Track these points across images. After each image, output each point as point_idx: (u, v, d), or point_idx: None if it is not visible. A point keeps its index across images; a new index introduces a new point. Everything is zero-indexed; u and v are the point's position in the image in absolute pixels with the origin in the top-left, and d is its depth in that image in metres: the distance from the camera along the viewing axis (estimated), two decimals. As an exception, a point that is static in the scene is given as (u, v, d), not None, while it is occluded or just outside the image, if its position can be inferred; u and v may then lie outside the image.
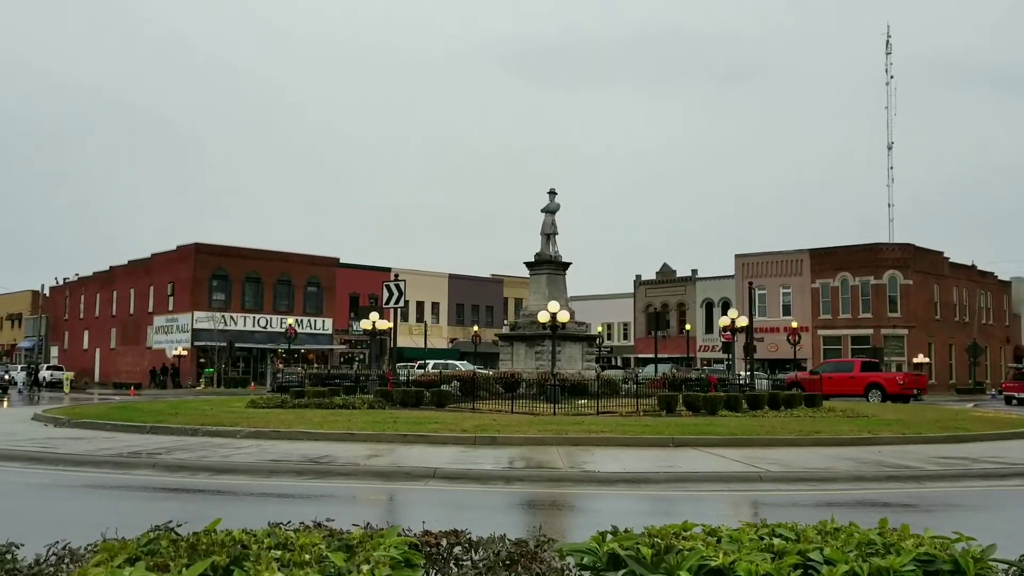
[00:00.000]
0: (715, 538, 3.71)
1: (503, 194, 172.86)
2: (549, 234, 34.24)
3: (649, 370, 48.63)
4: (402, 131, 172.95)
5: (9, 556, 3.64)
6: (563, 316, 27.57)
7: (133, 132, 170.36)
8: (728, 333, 33.33)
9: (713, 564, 3.25)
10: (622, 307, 79.81)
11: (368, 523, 3.96)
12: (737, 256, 69.08)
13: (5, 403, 38.49)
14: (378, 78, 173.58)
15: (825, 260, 63.86)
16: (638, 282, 79.05)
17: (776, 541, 3.70)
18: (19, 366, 68.35)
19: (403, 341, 55.29)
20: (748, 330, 32.47)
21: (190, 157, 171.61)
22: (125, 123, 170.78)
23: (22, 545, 3.71)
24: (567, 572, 3.89)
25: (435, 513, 9.49)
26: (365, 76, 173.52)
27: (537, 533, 4.43)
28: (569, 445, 16.70)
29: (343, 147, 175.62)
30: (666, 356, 62.50)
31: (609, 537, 3.61)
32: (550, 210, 34.45)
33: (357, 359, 67.55)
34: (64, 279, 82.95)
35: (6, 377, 54.99)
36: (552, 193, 34.42)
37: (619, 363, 72.13)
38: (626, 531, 3.77)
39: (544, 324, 27.92)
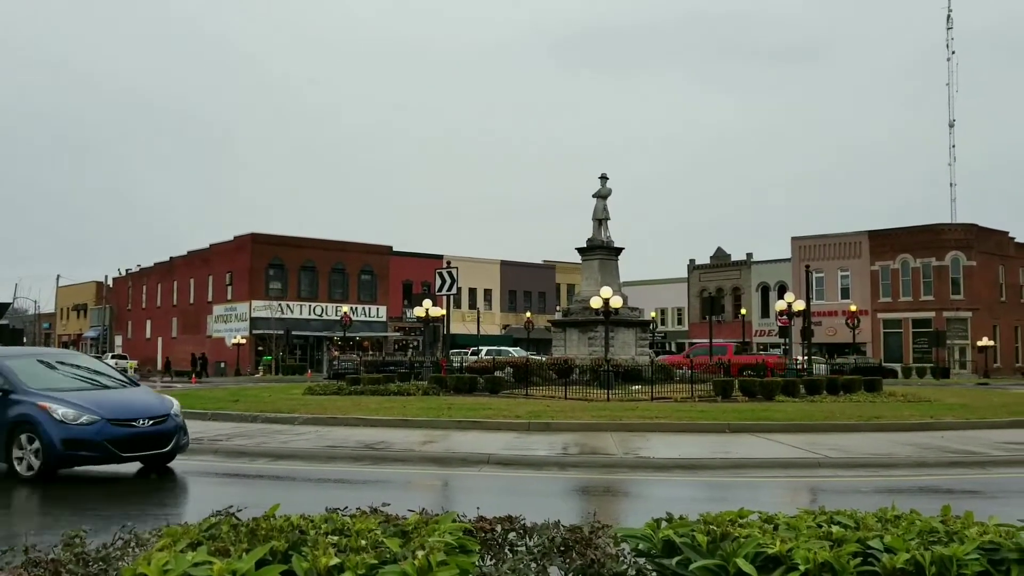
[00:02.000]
0: (772, 525, 3.67)
1: (555, 180, 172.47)
2: (601, 219, 34.05)
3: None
4: (452, 122, 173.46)
5: (78, 540, 3.77)
6: (616, 301, 27.45)
7: (179, 134, 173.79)
8: (784, 317, 32.86)
9: (770, 552, 3.21)
10: (676, 292, 79.07)
11: (423, 509, 4.00)
12: (793, 239, 67.89)
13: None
14: (424, 70, 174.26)
15: (885, 242, 62.41)
16: (692, 266, 78.22)
17: (835, 529, 3.64)
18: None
19: (456, 328, 55.58)
20: (805, 314, 31.96)
21: (239, 156, 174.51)
22: (171, 126, 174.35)
23: (88, 530, 3.84)
24: (622, 558, 3.88)
25: (489, 499, 9.55)
26: (411, 69, 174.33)
27: (592, 519, 4.43)
28: (623, 431, 16.65)
29: (395, 140, 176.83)
30: (721, 341, 61.72)
31: (664, 524, 3.59)
32: (601, 195, 34.24)
33: (411, 346, 68.16)
34: (127, 270, 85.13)
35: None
36: (603, 178, 34.20)
37: (673, 348, 71.58)
38: (681, 518, 3.75)
39: (597, 310, 27.83)
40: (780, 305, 32.10)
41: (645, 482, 11.69)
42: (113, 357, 66.09)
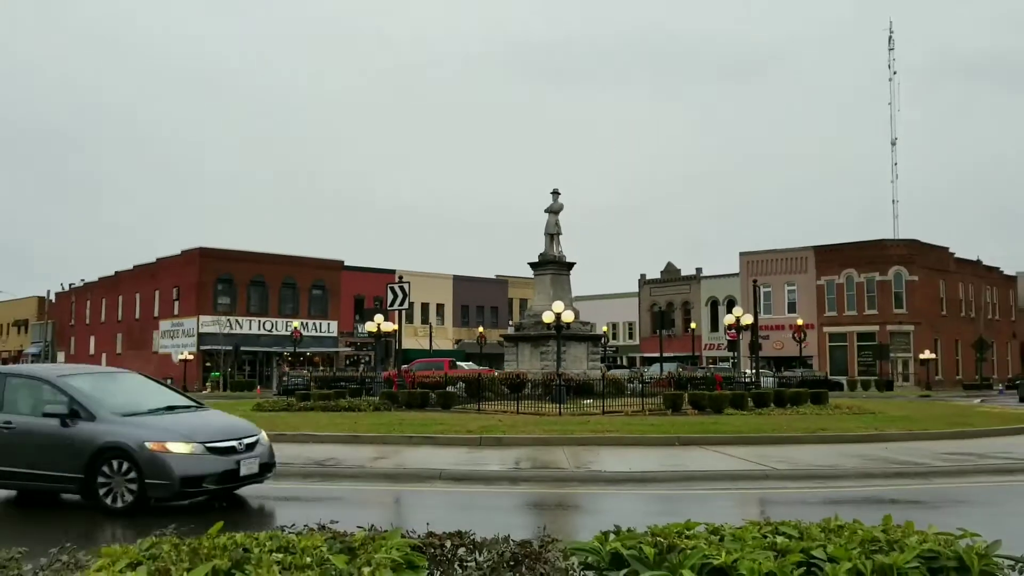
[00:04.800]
0: (718, 536, 3.72)
1: (507, 195, 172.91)
2: (553, 234, 34.20)
3: (655, 369, 48.58)
4: (404, 136, 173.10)
5: (13, 562, 3.66)
6: (568, 316, 27.55)
7: (134, 139, 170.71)
8: (733, 331, 33.32)
9: (716, 563, 3.25)
10: (627, 306, 79.75)
11: (372, 525, 3.96)
12: (742, 254, 68.98)
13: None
14: (379, 79, 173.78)
15: (830, 257, 63.73)
16: (643, 281, 78.97)
17: (779, 539, 3.69)
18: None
19: (408, 343, 55.23)
20: (753, 328, 32.45)
21: (189, 164, 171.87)
22: (126, 130, 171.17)
23: (25, 551, 3.73)
24: (571, 572, 3.89)
25: (441, 514, 9.49)
26: (363, 81, 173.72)
27: (541, 534, 4.43)
28: (575, 445, 16.68)
29: (345, 151, 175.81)
30: (671, 355, 62.44)
31: (612, 537, 3.61)
32: (554, 210, 34.41)
33: (363, 361, 67.56)
34: (70, 285, 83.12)
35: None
36: (555, 193, 34.39)
37: (624, 362, 72.07)
38: (629, 530, 3.77)
39: (549, 324, 27.91)
40: (729, 319, 32.53)
41: (596, 496, 11.73)
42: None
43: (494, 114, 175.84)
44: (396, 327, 33.07)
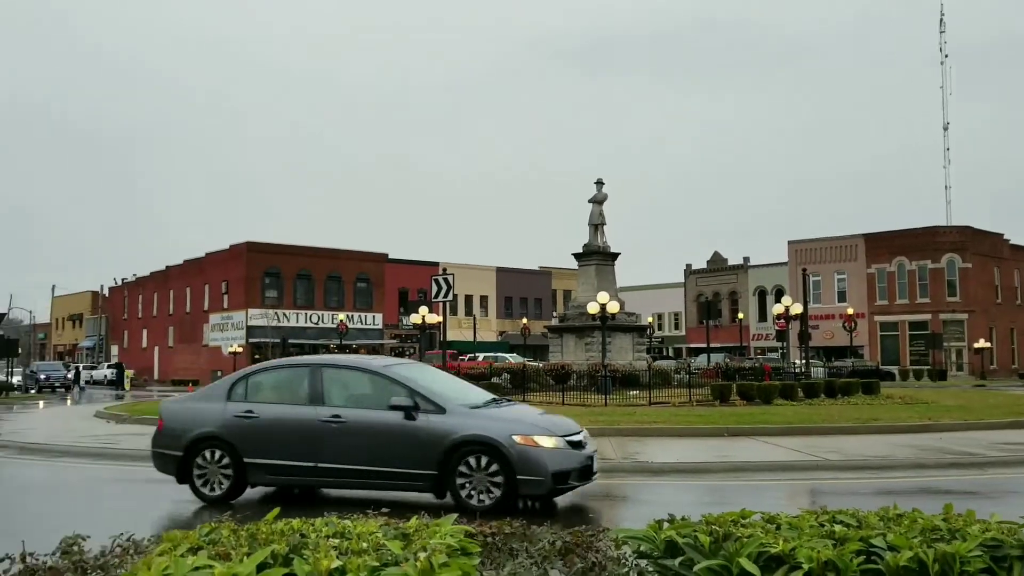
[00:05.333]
0: (774, 525, 3.66)
1: (551, 186, 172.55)
2: (597, 224, 34.05)
3: (702, 360, 48.17)
4: (447, 131, 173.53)
5: (76, 548, 3.74)
6: (613, 307, 27.43)
7: (184, 137, 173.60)
8: (782, 321, 32.88)
9: (773, 551, 3.20)
10: (673, 297, 79.12)
11: (423, 512, 3.99)
12: (790, 243, 67.99)
13: (69, 401, 39.64)
14: (420, 79, 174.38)
15: (881, 245, 62.53)
16: (689, 271, 78.28)
17: (837, 528, 3.63)
18: (80, 365, 70.28)
19: (452, 335, 55.47)
20: (802, 318, 31.98)
21: (236, 160, 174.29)
22: (177, 129, 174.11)
23: (87, 537, 3.82)
24: (623, 560, 3.86)
25: (489, 504, 9.53)
26: (407, 77, 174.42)
27: (592, 522, 4.42)
28: (621, 436, 16.61)
29: (390, 148, 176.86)
30: (718, 345, 61.84)
31: (666, 525, 3.58)
32: (597, 200, 34.25)
33: (407, 353, 68.06)
34: (122, 279, 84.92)
35: (70, 376, 56.55)
36: (599, 183, 34.22)
37: (671, 353, 71.59)
38: (683, 519, 3.73)
39: (593, 315, 27.82)
40: (777, 309, 32.13)
41: (643, 486, 11.67)
42: (110, 367, 65.87)
43: (538, 104, 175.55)
44: (440, 319, 33.20)
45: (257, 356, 62.22)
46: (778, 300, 36.23)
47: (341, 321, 56.53)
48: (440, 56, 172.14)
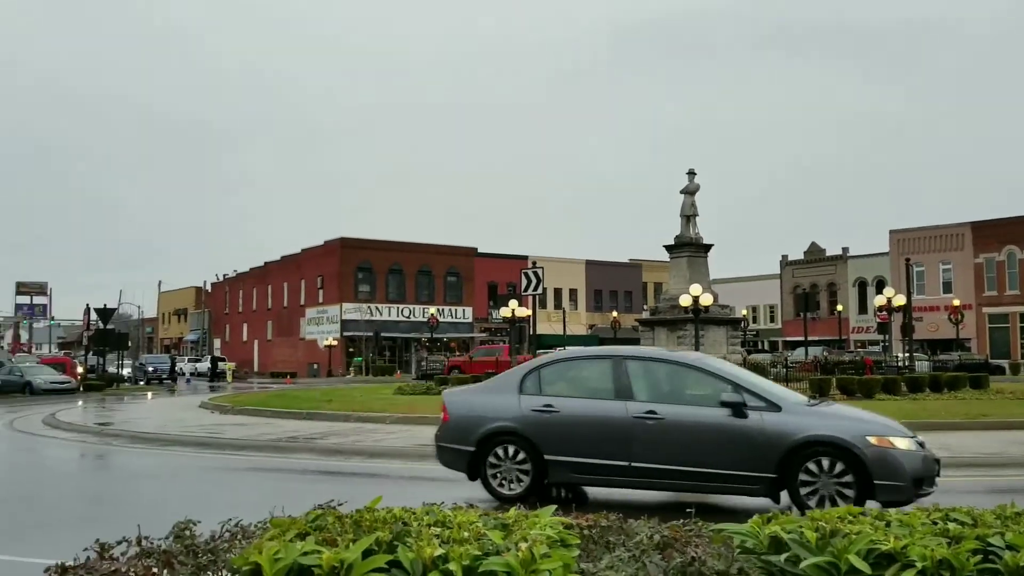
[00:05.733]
0: (884, 522, 3.54)
1: (640, 177, 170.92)
2: (689, 215, 33.53)
3: (799, 353, 46.95)
4: (533, 121, 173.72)
5: (188, 532, 3.90)
6: (706, 299, 26.99)
7: (283, 135, 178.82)
8: (884, 313, 31.82)
9: (884, 548, 3.09)
10: (768, 289, 77.29)
11: (519, 505, 4.00)
12: (892, 232, 65.58)
13: (175, 393, 41.40)
14: (497, 67, 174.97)
15: (989, 233, 59.65)
16: (784, 262, 76.37)
17: (951, 526, 3.49)
18: (186, 358, 73.26)
19: (542, 328, 55.60)
20: (906, 309, 30.84)
21: (331, 158, 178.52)
22: (277, 128, 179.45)
23: (198, 522, 3.97)
24: (723, 556, 3.79)
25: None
26: (483, 66, 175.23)
27: (691, 517, 4.35)
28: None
29: (477, 141, 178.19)
30: (816, 339, 60.10)
31: (770, 520, 3.50)
32: (689, 191, 33.71)
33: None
34: (224, 275, 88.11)
35: (176, 368, 59.08)
36: (691, 173, 33.68)
37: (766, 347, 70.04)
38: (786, 514, 3.65)
39: (686, 308, 27.44)
40: (879, 300, 31.10)
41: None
42: (213, 360, 68.51)
43: (627, 93, 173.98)
44: (530, 312, 33.27)
45: (351, 349, 63.72)
46: (879, 291, 35.05)
47: (432, 315, 57.32)
48: (529, 48, 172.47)
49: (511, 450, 9.23)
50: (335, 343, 62.09)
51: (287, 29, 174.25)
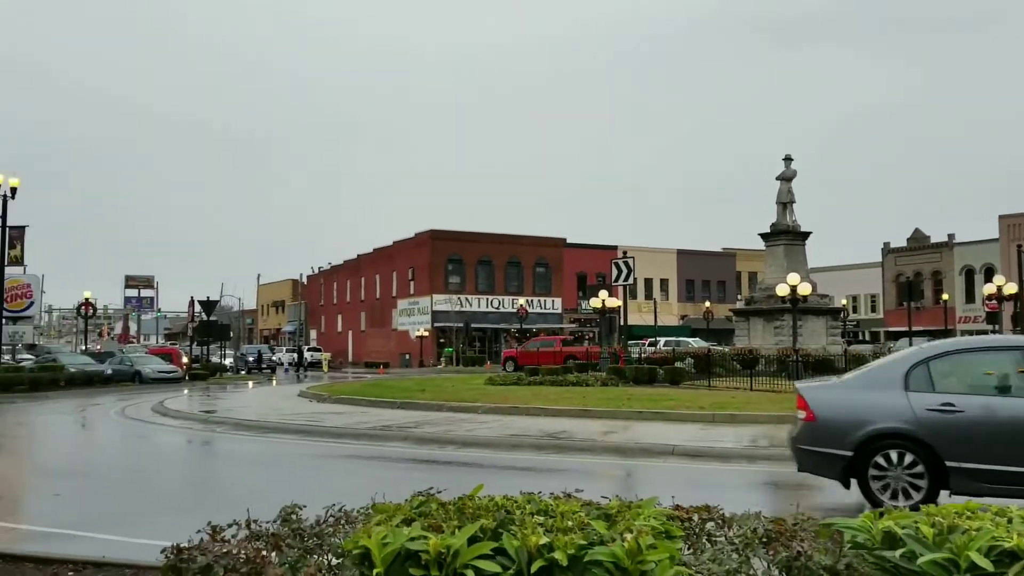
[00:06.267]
0: (1005, 519, 3.36)
1: (734, 164, 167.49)
2: (785, 203, 32.70)
3: (902, 344, 45.27)
4: (625, 109, 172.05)
5: (294, 516, 4.01)
6: (804, 288, 26.29)
7: (372, 132, 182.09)
8: (993, 302, 30.36)
9: (1007, 546, 2.94)
10: (869, 277, 74.73)
11: (617, 495, 3.96)
12: (1001, 217, 62.51)
13: (274, 382, 42.71)
14: (602, 54, 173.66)
15: (1110, 217, 56.26)
16: (886, 250, 73.70)
17: (1080, 524, 3.28)
18: (283, 348, 75.50)
19: (632, 319, 55.05)
20: (1017, 298, 29.36)
21: (420, 151, 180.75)
22: (366, 127, 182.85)
23: (304, 507, 4.08)
24: (830, 551, 3.67)
25: (676, 490, 9.27)
26: (590, 54, 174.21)
27: (795, 511, 4.23)
28: (815, 423, 15.88)
29: (565, 130, 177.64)
30: (920, 329, 57.81)
31: (883, 515, 3.37)
32: (786, 177, 32.87)
33: (587, 337, 68.29)
34: (319, 268, 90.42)
35: (274, 358, 60.91)
36: (787, 160, 32.82)
37: (867, 338, 67.80)
38: (898, 510, 3.51)
39: (783, 297, 26.80)
40: (988, 289, 29.73)
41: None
42: (310, 350, 70.36)
43: (718, 80, 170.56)
44: (620, 303, 33.04)
45: (442, 340, 64.49)
46: (988, 279, 33.46)
47: (521, 306, 57.48)
48: (632, 35, 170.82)
49: (901, 455, 8.18)
50: (426, 334, 62.94)
51: (361, 37, 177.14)
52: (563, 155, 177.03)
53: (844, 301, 60.13)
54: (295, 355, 61.81)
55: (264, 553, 3.46)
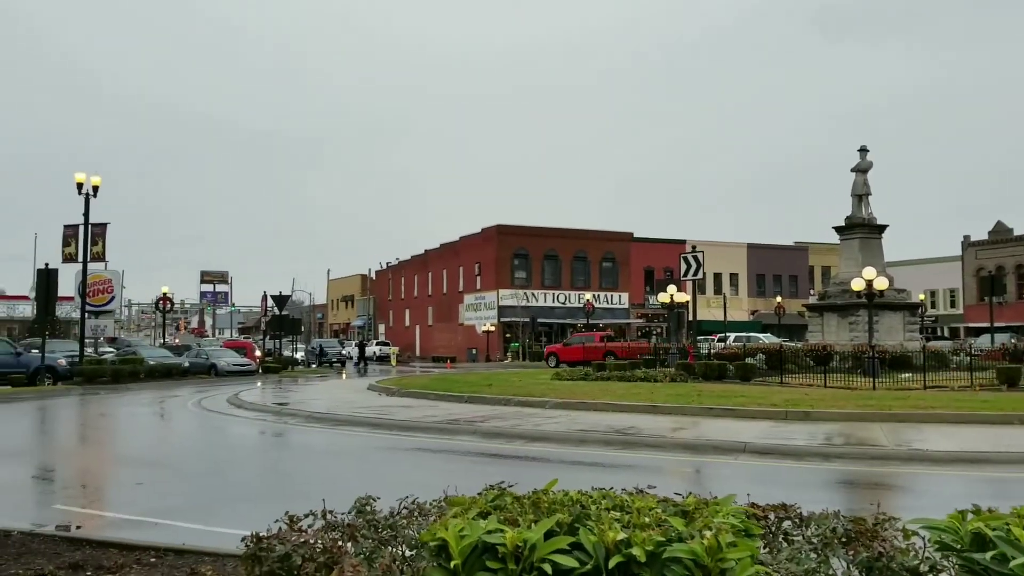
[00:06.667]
0: (1106, 523, 3.19)
1: (806, 157, 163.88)
2: (861, 195, 31.87)
3: (984, 340, 43.75)
4: (693, 103, 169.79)
5: (368, 508, 4.05)
6: (880, 283, 25.58)
7: (439, 131, 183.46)
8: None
9: (1109, 553, 2.79)
10: (948, 272, 72.43)
11: (690, 492, 3.91)
12: (1089, 209, 59.86)
13: (343, 375, 43.43)
14: (667, 47, 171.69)
15: None
16: (967, 243, 71.33)
17: None
18: (353, 342, 76.81)
19: (701, 314, 54.37)
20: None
21: (487, 149, 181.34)
22: (431, 125, 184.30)
23: (378, 498, 4.12)
24: (913, 552, 3.56)
25: (748, 487, 9.14)
26: (659, 47, 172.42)
27: (876, 510, 4.11)
28: (893, 421, 15.48)
29: (637, 123, 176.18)
30: (1003, 325, 55.78)
31: (971, 516, 3.24)
32: (861, 169, 32.03)
33: (654, 333, 67.69)
34: (387, 263, 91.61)
35: (343, 352, 61.92)
36: (863, 151, 31.97)
37: (945, 334, 65.75)
38: (990, 510, 3.37)
39: (858, 292, 26.13)
40: (1076, 283, 28.41)
41: (919, 476, 10.78)
42: (378, 344, 71.30)
43: (789, 70, 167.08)
44: (689, 297, 32.63)
45: (508, 335, 64.72)
46: (1077, 274, 32.01)
47: (588, 301, 57.25)
48: (685, 25, 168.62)
49: None
50: (492, 328, 63.22)
51: (413, 41, 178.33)
52: (632, 152, 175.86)
53: (922, 296, 58.43)
54: (369, 349, 62.53)
55: (340, 544, 3.51)
